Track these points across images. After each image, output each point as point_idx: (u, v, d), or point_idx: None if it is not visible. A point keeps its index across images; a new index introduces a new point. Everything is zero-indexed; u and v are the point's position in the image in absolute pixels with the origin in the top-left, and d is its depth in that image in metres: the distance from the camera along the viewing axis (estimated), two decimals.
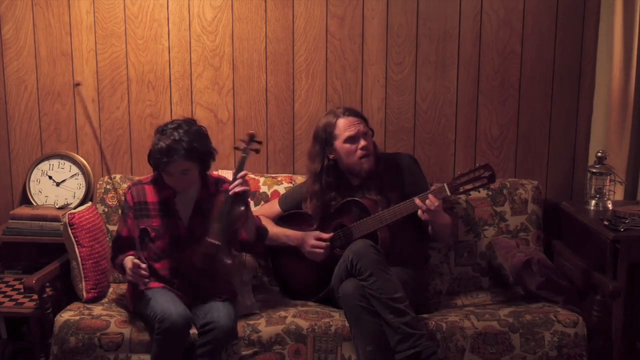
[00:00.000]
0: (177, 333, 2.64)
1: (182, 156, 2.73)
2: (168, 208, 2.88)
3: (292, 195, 3.20)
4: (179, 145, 2.73)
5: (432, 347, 2.66)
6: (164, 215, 2.87)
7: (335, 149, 3.01)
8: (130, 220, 2.89)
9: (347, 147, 2.98)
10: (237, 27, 3.46)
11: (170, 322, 2.61)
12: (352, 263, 2.75)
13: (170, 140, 2.73)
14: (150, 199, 2.89)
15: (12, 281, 3.33)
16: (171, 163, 2.74)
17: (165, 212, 2.88)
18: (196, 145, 2.77)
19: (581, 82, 3.46)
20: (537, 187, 3.35)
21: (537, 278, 3.01)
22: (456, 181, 2.82)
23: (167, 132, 2.77)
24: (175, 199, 2.89)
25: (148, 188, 2.91)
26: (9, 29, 3.46)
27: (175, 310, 2.65)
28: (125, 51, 3.47)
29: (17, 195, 3.56)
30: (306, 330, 2.80)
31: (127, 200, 2.91)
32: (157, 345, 2.66)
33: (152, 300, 2.73)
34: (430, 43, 3.45)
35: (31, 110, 3.52)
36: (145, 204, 2.88)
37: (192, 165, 2.79)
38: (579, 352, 2.80)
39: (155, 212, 2.87)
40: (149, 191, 2.91)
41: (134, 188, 2.92)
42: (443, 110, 3.49)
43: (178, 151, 2.73)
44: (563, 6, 3.41)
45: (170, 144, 2.73)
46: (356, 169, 3.01)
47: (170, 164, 2.75)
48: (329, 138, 3.01)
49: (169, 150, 2.73)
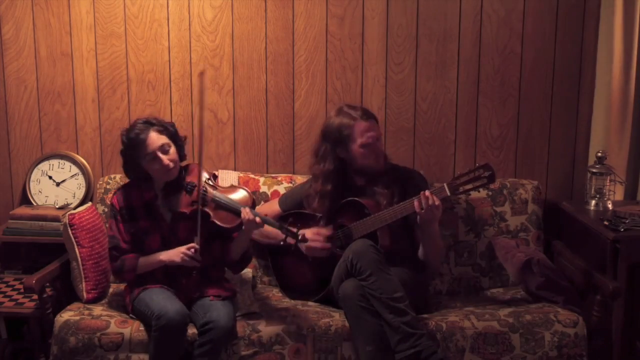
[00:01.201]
0: (174, 330, 2.64)
1: (157, 130, 2.83)
2: (152, 209, 2.91)
3: (292, 195, 3.19)
4: (148, 124, 2.85)
5: (432, 347, 2.66)
6: (150, 216, 2.90)
7: (349, 150, 2.98)
8: (121, 224, 2.90)
9: (363, 152, 2.96)
10: (237, 27, 3.46)
11: (167, 320, 2.62)
12: (352, 263, 2.75)
13: (140, 124, 2.85)
14: (135, 203, 2.92)
15: (12, 281, 3.33)
16: (148, 139, 2.80)
17: (150, 212, 2.91)
18: (164, 124, 2.88)
19: (581, 82, 3.46)
20: (537, 187, 3.35)
21: (537, 278, 3.01)
22: (456, 181, 2.82)
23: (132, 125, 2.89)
24: (157, 201, 2.91)
25: (133, 193, 2.93)
26: (9, 29, 3.47)
27: (172, 307, 2.66)
28: (125, 51, 3.47)
29: (17, 195, 3.56)
30: (306, 330, 2.79)
31: (113, 205, 2.93)
32: (154, 343, 2.66)
33: (150, 299, 2.74)
34: (430, 43, 3.45)
35: (31, 110, 3.52)
36: (132, 208, 2.91)
37: (169, 141, 2.85)
38: (579, 352, 2.79)
39: (141, 214, 2.90)
40: (134, 194, 2.93)
41: (119, 193, 2.95)
42: (443, 110, 3.49)
43: (151, 126, 2.83)
44: (563, 6, 3.41)
45: (141, 126, 2.84)
46: (370, 168, 2.99)
47: (147, 141, 2.79)
48: (343, 139, 2.97)
49: (141, 129, 2.82)
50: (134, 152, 2.84)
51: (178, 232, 2.89)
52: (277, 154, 3.54)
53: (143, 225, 2.89)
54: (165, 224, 2.90)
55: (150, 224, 2.89)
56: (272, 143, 3.53)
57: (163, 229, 2.90)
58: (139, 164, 2.86)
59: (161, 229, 2.90)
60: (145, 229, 2.89)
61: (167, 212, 2.91)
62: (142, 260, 2.87)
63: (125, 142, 2.85)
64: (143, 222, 2.89)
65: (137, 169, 2.88)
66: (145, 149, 2.81)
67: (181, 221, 2.88)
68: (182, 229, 2.88)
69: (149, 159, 2.82)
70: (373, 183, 3.01)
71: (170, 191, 2.90)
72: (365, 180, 3.03)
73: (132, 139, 2.82)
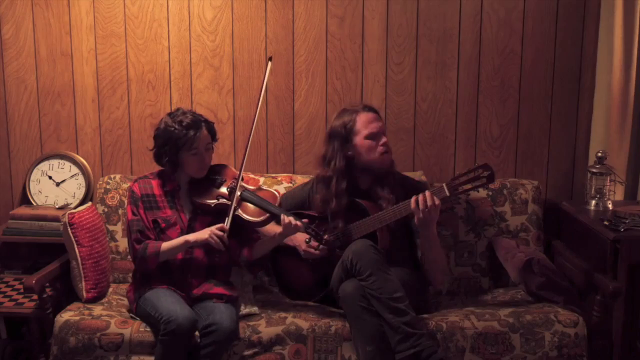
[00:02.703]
0: (183, 335, 2.64)
1: (206, 129, 2.85)
2: (174, 200, 2.91)
3: (293, 195, 3.19)
4: (201, 118, 2.86)
5: (432, 347, 2.66)
6: (172, 207, 2.90)
7: (355, 145, 2.96)
8: (142, 210, 2.88)
9: (369, 143, 2.94)
10: (237, 27, 3.46)
11: (177, 324, 2.61)
12: (352, 263, 2.75)
13: (191, 116, 2.83)
14: (157, 192, 2.92)
15: (12, 281, 3.33)
16: (198, 135, 2.81)
17: (172, 203, 2.91)
18: (211, 124, 2.91)
19: (581, 82, 3.46)
20: (537, 187, 3.35)
21: (537, 278, 3.01)
22: (455, 181, 2.81)
23: (179, 113, 2.85)
24: (179, 193, 2.92)
25: (154, 182, 2.94)
26: (8, 29, 3.47)
27: (181, 312, 2.65)
28: (125, 51, 3.47)
29: (17, 195, 3.56)
30: (306, 331, 2.80)
31: (134, 192, 2.91)
32: (162, 347, 2.65)
33: (157, 300, 2.73)
34: (430, 43, 3.45)
35: (31, 110, 3.52)
36: (153, 196, 2.91)
37: (212, 142, 2.89)
38: (579, 352, 2.79)
39: (163, 203, 2.90)
40: (155, 184, 2.94)
41: (140, 181, 2.95)
42: (443, 110, 3.49)
43: (201, 123, 2.84)
44: (563, 6, 3.41)
45: (193, 119, 2.83)
46: (376, 165, 2.97)
47: (197, 136, 2.80)
48: (348, 134, 2.95)
49: (194, 123, 2.81)
50: (179, 140, 2.80)
51: (196, 226, 2.88)
52: (277, 154, 3.54)
53: (162, 215, 2.88)
54: (184, 217, 2.90)
55: (169, 215, 2.89)
56: (272, 143, 3.53)
57: (182, 221, 2.89)
58: (177, 154, 2.84)
59: (180, 221, 2.89)
60: (164, 219, 2.88)
61: (188, 204, 2.91)
62: (165, 244, 2.81)
63: (175, 128, 2.80)
64: (162, 213, 2.89)
65: (172, 157, 2.85)
66: (194, 142, 2.81)
67: (200, 215, 2.89)
68: (199, 223, 2.88)
69: (193, 153, 2.83)
70: (378, 186, 2.99)
71: (196, 185, 2.92)
72: (370, 182, 3.01)
73: (186, 126, 2.79)
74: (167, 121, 2.85)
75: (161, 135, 2.85)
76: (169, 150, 2.83)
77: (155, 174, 2.98)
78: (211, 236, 2.75)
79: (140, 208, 2.88)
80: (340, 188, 2.98)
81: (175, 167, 2.89)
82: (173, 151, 2.83)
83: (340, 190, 2.98)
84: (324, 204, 3.00)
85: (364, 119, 2.95)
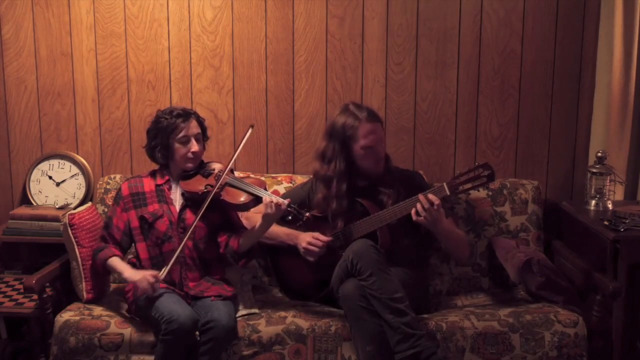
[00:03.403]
0: (184, 335, 2.64)
1: (196, 120, 2.95)
2: (163, 195, 2.95)
3: (293, 194, 3.18)
4: (191, 111, 2.98)
5: (432, 348, 2.66)
6: (160, 201, 2.94)
7: (352, 150, 2.97)
8: (120, 209, 2.95)
9: (363, 154, 2.96)
10: (237, 27, 3.46)
11: (179, 324, 2.61)
12: (352, 263, 2.75)
13: (181, 108, 2.95)
14: (147, 189, 2.97)
15: (12, 281, 3.33)
16: (190, 123, 2.90)
17: (161, 197, 2.95)
18: (201, 118, 3.00)
19: (581, 82, 3.46)
20: (537, 187, 3.35)
21: (537, 278, 3.00)
22: (455, 180, 2.81)
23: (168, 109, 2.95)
24: (169, 186, 2.97)
25: (145, 180, 3.00)
26: (9, 29, 3.47)
27: (182, 312, 2.65)
28: (125, 51, 3.47)
29: (17, 195, 3.56)
30: (306, 331, 2.80)
31: (121, 190, 2.98)
32: (163, 347, 2.65)
33: (157, 301, 2.73)
34: (430, 43, 3.45)
35: (31, 110, 3.52)
36: (143, 194, 2.96)
37: (203, 136, 2.97)
38: (579, 352, 2.79)
39: (152, 199, 2.95)
40: (146, 182, 2.99)
41: (131, 180, 3.01)
42: (443, 110, 3.49)
43: (191, 114, 2.94)
44: (563, 6, 3.41)
45: (183, 109, 2.94)
46: (371, 171, 2.99)
47: (189, 125, 2.89)
48: (348, 139, 2.96)
49: (184, 112, 2.92)
50: (169, 127, 2.89)
51: (186, 219, 2.90)
52: (277, 154, 3.54)
53: (152, 209, 2.92)
54: (173, 209, 2.93)
55: (157, 209, 2.92)
56: (272, 143, 3.53)
57: (171, 213, 2.92)
58: (167, 145, 2.90)
59: (169, 214, 2.92)
60: (152, 213, 2.91)
61: (178, 198, 2.95)
62: (114, 261, 2.88)
63: (166, 118, 2.90)
64: (150, 207, 2.92)
65: (163, 148, 2.92)
66: (182, 131, 2.88)
67: (190, 208, 2.91)
68: (189, 216, 2.90)
69: (182, 140, 2.89)
70: (376, 184, 3.01)
71: (186, 177, 2.96)
72: (368, 182, 3.03)
73: (176, 115, 2.90)
74: (158, 114, 2.96)
75: (153, 127, 2.95)
76: (160, 140, 2.91)
77: (148, 172, 3.04)
78: (143, 287, 2.75)
79: (120, 207, 2.95)
80: (340, 190, 2.98)
81: (167, 160, 2.95)
82: (164, 140, 2.91)
83: (341, 192, 2.98)
84: (325, 204, 3.01)
85: (365, 129, 2.93)
